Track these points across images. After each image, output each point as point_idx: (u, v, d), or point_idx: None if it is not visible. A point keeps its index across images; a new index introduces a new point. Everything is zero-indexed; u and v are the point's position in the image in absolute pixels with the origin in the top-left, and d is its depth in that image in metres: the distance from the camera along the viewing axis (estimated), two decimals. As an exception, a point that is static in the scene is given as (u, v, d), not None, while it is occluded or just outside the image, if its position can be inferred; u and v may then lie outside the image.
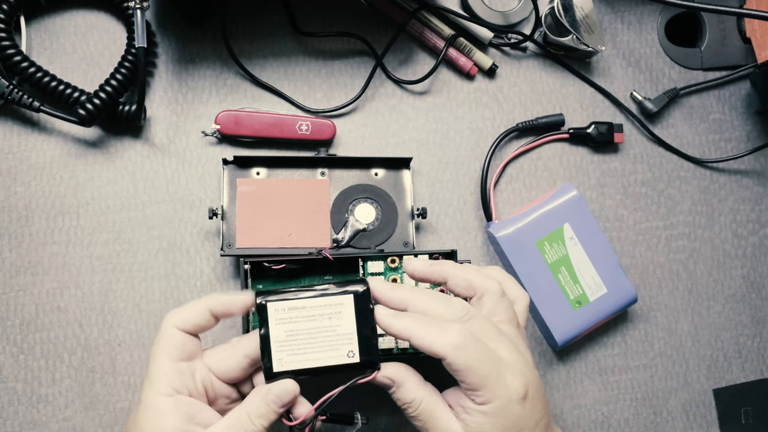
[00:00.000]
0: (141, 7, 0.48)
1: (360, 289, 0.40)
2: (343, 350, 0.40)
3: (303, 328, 0.39)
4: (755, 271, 0.60)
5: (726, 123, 0.61)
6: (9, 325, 0.52)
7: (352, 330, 0.40)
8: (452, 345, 0.37)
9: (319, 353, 0.39)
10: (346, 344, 0.40)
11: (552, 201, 0.55)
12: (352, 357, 0.39)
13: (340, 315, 0.40)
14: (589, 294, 0.54)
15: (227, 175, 0.52)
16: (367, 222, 0.53)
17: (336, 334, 0.40)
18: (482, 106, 0.58)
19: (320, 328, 0.40)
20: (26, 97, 0.51)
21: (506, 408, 0.38)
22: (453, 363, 0.38)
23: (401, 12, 0.56)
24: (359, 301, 0.40)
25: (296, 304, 0.40)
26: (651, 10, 0.61)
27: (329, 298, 0.40)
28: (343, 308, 0.40)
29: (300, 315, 0.40)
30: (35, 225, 0.53)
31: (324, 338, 0.39)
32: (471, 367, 0.37)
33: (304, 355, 0.39)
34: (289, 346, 0.39)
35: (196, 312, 0.40)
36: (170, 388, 0.38)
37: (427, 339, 0.38)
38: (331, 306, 0.40)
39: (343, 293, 0.40)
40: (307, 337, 0.39)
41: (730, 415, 0.58)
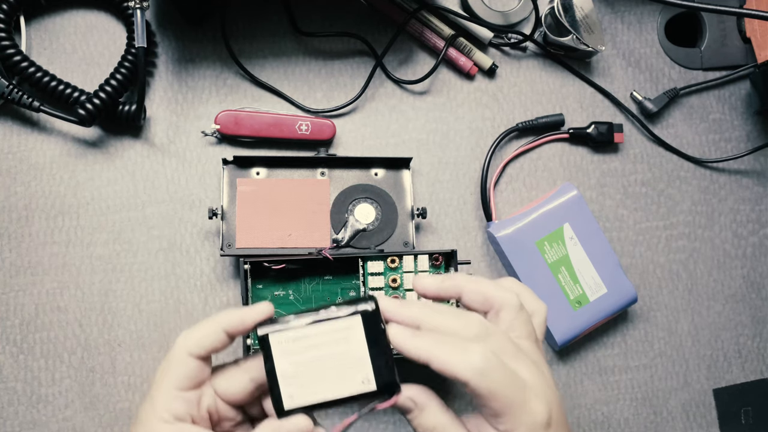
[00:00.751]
0: (141, 7, 0.48)
1: (368, 309, 0.36)
2: (357, 378, 0.36)
3: (310, 358, 0.36)
4: (755, 271, 0.60)
5: (726, 123, 0.61)
6: (9, 325, 0.52)
7: (364, 354, 0.36)
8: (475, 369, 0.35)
9: (332, 383, 0.36)
10: (359, 371, 0.36)
11: (552, 201, 0.55)
12: (368, 384, 0.36)
13: (348, 340, 0.36)
14: (589, 294, 0.54)
15: (227, 175, 0.52)
16: (367, 222, 0.53)
17: (347, 361, 0.36)
18: (482, 106, 0.58)
19: (329, 355, 0.36)
20: (26, 97, 0.51)
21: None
22: (477, 388, 0.35)
23: (401, 12, 0.56)
24: (368, 322, 0.36)
25: (300, 333, 0.36)
26: (651, 10, 0.61)
27: (335, 323, 0.36)
28: (351, 332, 0.36)
29: (305, 344, 0.36)
30: (35, 225, 0.53)
31: (334, 367, 0.36)
32: (495, 392, 0.35)
33: (315, 387, 0.36)
34: (297, 380, 0.36)
35: (210, 334, 0.37)
36: (171, 416, 0.36)
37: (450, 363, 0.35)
38: (337, 331, 0.36)
39: (349, 315, 0.36)
40: (316, 368, 0.36)
41: (730, 415, 0.58)
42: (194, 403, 0.37)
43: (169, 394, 0.36)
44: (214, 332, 0.37)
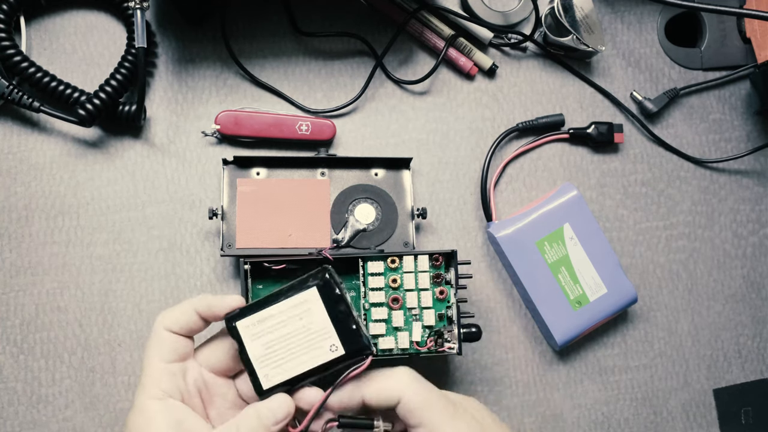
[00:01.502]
0: (141, 7, 0.48)
1: (320, 281, 0.38)
2: (325, 346, 0.38)
3: (277, 336, 0.38)
4: (755, 271, 0.60)
5: (726, 123, 0.61)
6: (9, 325, 0.52)
7: (327, 323, 0.38)
8: (405, 382, 0.37)
9: (302, 356, 0.38)
10: (326, 339, 0.38)
11: (552, 201, 0.55)
12: (336, 350, 0.38)
13: (310, 312, 0.38)
14: (589, 294, 0.54)
15: (227, 175, 0.52)
16: (367, 222, 0.53)
17: (312, 333, 0.38)
18: (482, 106, 0.58)
19: (294, 331, 0.38)
20: (26, 97, 0.51)
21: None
22: (410, 401, 0.37)
23: (401, 12, 0.56)
24: (324, 291, 0.38)
25: (263, 315, 0.38)
26: (651, 10, 0.61)
27: (293, 299, 0.38)
28: (311, 304, 0.38)
29: (270, 324, 0.38)
30: (35, 225, 0.53)
31: (301, 340, 0.38)
32: (429, 401, 0.36)
33: (289, 364, 0.38)
34: (270, 359, 0.38)
35: (184, 313, 0.39)
36: (160, 391, 0.37)
37: (378, 386, 0.37)
38: (297, 306, 0.38)
39: (305, 288, 0.38)
40: (285, 345, 0.38)
41: (730, 415, 0.58)
42: (180, 375, 0.39)
43: (156, 368, 0.38)
44: (188, 312, 0.39)
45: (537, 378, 0.56)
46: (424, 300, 0.49)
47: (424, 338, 0.49)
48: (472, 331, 0.49)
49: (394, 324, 0.49)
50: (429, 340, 0.49)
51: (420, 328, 0.49)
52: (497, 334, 0.56)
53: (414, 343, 0.49)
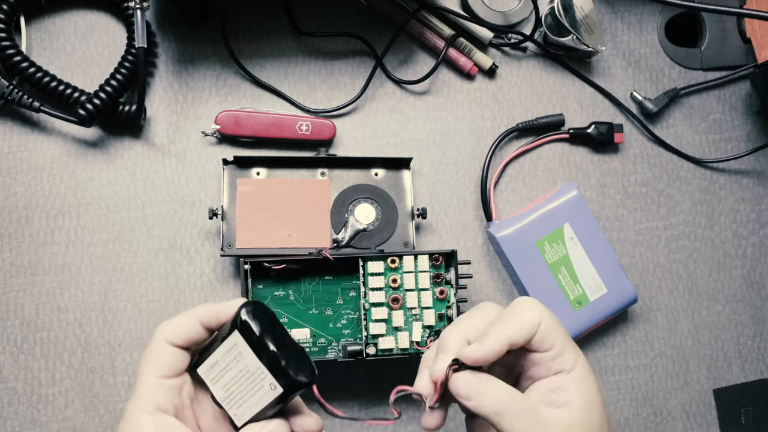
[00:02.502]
0: (141, 7, 0.48)
1: (235, 319, 0.36)
2: (265, 386, 0.36)
3: (229, 379, 0.37)
4: (755, 271, 0.60)
5: (726, 123, 0.61)
6: (9, 325, 0.52)
7: (257, 364, 0.36)
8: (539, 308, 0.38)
9: (254, 396, 0.36)
10: (264, 379, 0.36)
11: (552, 201, 0.55)
12: (275, 389, 0.36)
13: (242, 355, 0.36)
14: (589, 294, 0.54)
15: (227, 175, 0.52)
16: (367, 222, 0.53)
17: (251, 374, 0.36)
18: (482, 106, 0.58)
19: (239, 373, 0.37)
20: (26, 97, 0.51)
21: (588, 371, 0.38)
22: (549, 323, 0.37)
23: (401, 12, 0.56)
24: (246, 335, 0.36)
25: (212, 360, 0.37)
26: (651, 10, 0.61)
27: (225, 344, 0.36)
28: (240, 348, 0.36)
29: (220, 369, 0.37)
30: (35, 225, 0.53)
31: (247, 382, 0.36)
32: (558, 324, 0.38)
33: (248, 402, 0.37)
34: (232, 399, 0.37)
35: (186, 324, 0.38)
36: (153, 406, 0.36)
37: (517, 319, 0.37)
38: (231, 350, 0.36)
39: (229, 332, 0.36)
40: (237, 386, 0.37)
41: (730, 415, 0.58)
42: (176, 391, 0.38)
43: (151, 383, 0.37)
44: (190, 323, 0.38)
45: (537, 378, 0.56)
46: (424, 300, 0.49)
47: (425, 338, 0.49)
48: (472, 331, 0.49)
49: (394, 324, 0.49)
50: (429, 340, 0.49)
51: (420, 328, 0.49)
52: (497, 334, 0.56)
53: (414, 342, 0.49)
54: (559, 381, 0.38)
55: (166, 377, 0.37)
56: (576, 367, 0.38)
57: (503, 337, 0.37)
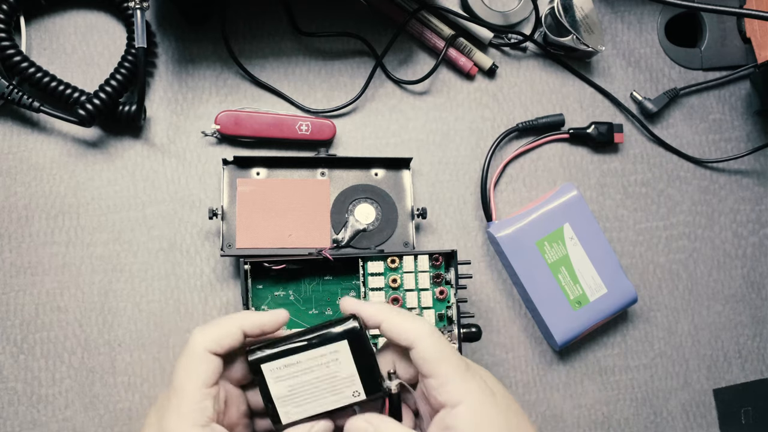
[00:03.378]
0: (141, 7, 0.48)
1: (351, 328, 0.38)
2: (348, 392, 0.38)
3: (303, 381, 0.38)
4: (755, 271, 0.60)
5: (726, 123, 0.61)
6: (9, 325, 0.52)
7: (353, 372, 0.38)
8: (426, 331, 0.37)
9: (324, 399, 0.38)
10: (349, 386, 0.38)
11: (552, 201, 0.55)
12: (358, 396, 0.38)
13: (337, 361, 0.38)
14: (589, 294, 0.54)
15: (227, 175, 0.52)
16: (367, 222, 0.53)
17: (338, 380, 0.38)
18: (482, 106, 0.58)
19: (321, 377, 0.38)
20: (26, 97, 0.51)
21: (483, 403, 0.36)
22: (426, 349, 0.37)
23: (401, 12, 0.56)
24: (354, 344, 0.38)
25: (290, 360, 0.38)
26: (651, 10, 0.61)
27: (324, 348, 0.38)
28: (339, 354, 0.38)
29: (297, 369, 0.38)
30: (35, 225, 0.53)
31: (327, 386, 0.38)
32: (443, 353, 0.36)
33: (310, 404, 0.38)
34: (293, 400, 0.38)
35: (229, 334, 0.37)
36: (204, 418, 0.36)
37: (402, 324, 0.37)
38: (326, 355, 0.38)
39: (336, 339, 0.38)
40: (309, 389, 0.38)
41: (730, 415, 0.58)
42: (218, 397, 0.37)
43: (196, 394, 0.36)
44: (233, 332, 0.38)
45: (537, 378, 0.56)
46: (424, 300, 0.49)
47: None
48: (472, 331, 0.49)
49: (394, 324, 0.49)
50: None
51: (420, 328, 0.49)
52: (497, 334, 0.56)
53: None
54: (447, 416, 0.37)
55: (209, 386, 0.37)
56: (463, 402, 0.36)
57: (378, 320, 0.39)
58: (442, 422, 0.37)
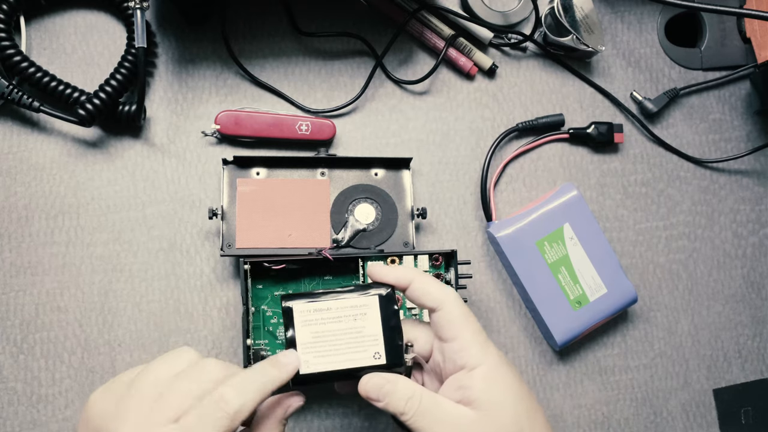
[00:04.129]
0: (141, 7, 0.48)
1: (384, 292, 0.40)
2: (369, 351, 0.39)
3: (329, 329, 0.39)
4: (755, 271, 0.60)
5: (726, 123, 0.61)
6: (9, 325, 0.52)
7: (377, 331, 0.39)
8: (453, 295, 0.39)
9: (346, 355, 0.39)
10: (372, 345, 0.39)
11: (552, 201, 0.55)
12: (379, 358, 0.39)
13: (365, 316, 0.40)
14: (589, 294, 0.54)
15: (227, 175, 0.52)
16: (367, 222, 0.53)
17: (362, 336, 0.39)
18: (482, 106, 0.58)
19: (346, 329, 0.39)
20: (26, 97, 0.51)
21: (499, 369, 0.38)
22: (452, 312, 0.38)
23: (401, 12, 0.56)
24: (384, 303, 0.40)
25: (321, 306, 0.40)
26: (651, 10, 0.61)
27: (355, 299, 0.40)
28: (368, 309, 0.40)
29: (325, 316, 0.39)
30: (35, 225, 0.53)
31: (350, 339, 0.39)
32: (467, 319, 0.38)
33: (331, 357, 0.39)
34: (315, 348, 0.39)
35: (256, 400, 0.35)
36: None
37: (430, 287, 0.39)
38: (356, 307, 0.40)
39: (368, 295, 0.40)
40: (333, 339, 0.39)
41: (730, 415, 0.58)
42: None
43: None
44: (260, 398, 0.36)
45: (537, 378, 0.56)
46: (424, 300, 0.49)
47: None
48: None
49: (394, 324, 0.49)
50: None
51: (420, 328, 0.49)
52: (497, 334, 0.56)
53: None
54: (463, 377, 0.38)
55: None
56: (482, 364, 0.38)
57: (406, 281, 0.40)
58: (457, 382, 0.38)
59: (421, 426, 0.37)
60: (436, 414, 0.37)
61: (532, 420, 0.38)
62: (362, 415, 0.54)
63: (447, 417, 0.37)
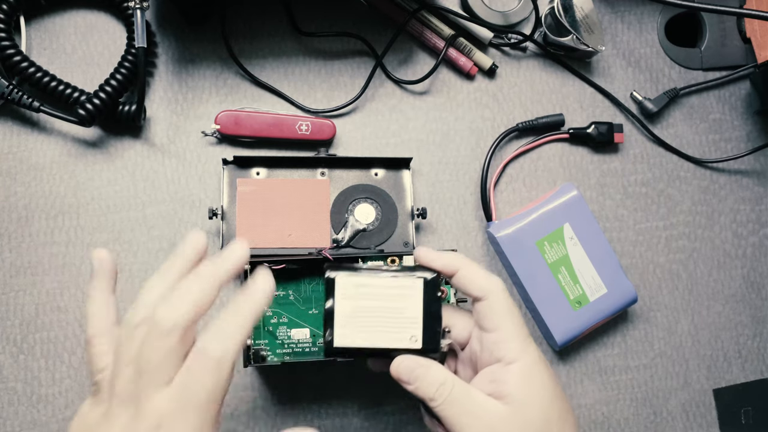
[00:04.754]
0: (141, 7, 0.48)
1: (429, 277, 0.40)
2: (406, 333, 0.39)
3: (369, 305, 0.39)
4: (755, 271, 0.60)
5: (726, 123, 0.61)
6: (9, 325, 0.52)
7: (417, 315, 0.39)
8: (501, 286, 0.39)
9: (382, 333, 0.39)
10: (409, 328, 0.39)
11: (552, 201, 0.55)
12: (415, 342, 0.39)
13: (406, 298, 0.39)
14: (589, 294, 0.54)
15: (227, 175, 0.52)
16: (367, 222, 0.53)
17: (401, 317, 0.39)
18: (482, 106, 0.58)
19: (386, 308, 0.39)
20: (26, 97, 0.51)
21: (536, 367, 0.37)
22: (498, 302, 0.38)
23: (401, 12, 0.56)
24: (428, 288, 0.39)
25: (364, 281, 0.39)
26: (651, 10, 0.61)
27: (399, 280, 0.39)
28: (411, 291, 0.39)
29: (367, 292, 0.39)
30: (35, 225, 0.53)
31: (388, 319, 0.39)
32: (512, 312, 0.38)
33: (367, 334, 0.39)
34: (352, 323, 0.39)
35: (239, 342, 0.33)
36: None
37: (478, 275, 0.39)
38: (399, 288, 0.39)
39: (413, 277, 0.39)
40: (371, 316, 0.39)
41: (730, 415, 0.58)
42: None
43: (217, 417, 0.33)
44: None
45: (537, 378, 0.56)
46: (424, 300, 0.49)
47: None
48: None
49: (394, 324, 0.49)
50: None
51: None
52: (497, 334, 0.56)
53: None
54: (498, 370, 0.38)
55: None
56: (519, 360, 0.38)
57: (454, 267, 0.40)
58: (491, 375, 0.38)
59: (449, 414, 0.37)
60: (466, 404, 0.37)
61: (562, 422, 0.38)
62: (362, 415, 0.54)
63: (477, 408, 0.37)
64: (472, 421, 0.36)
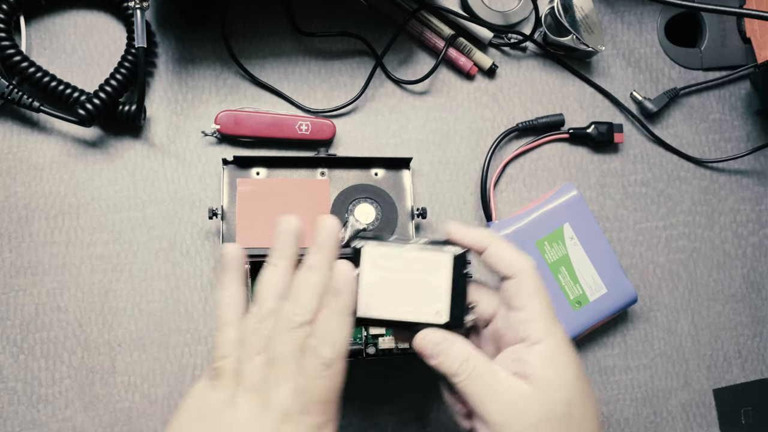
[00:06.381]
0: (141, 7, 0.48)
1: (459, 252, 0.39)
2: (431, 308, 0.39)
3: (396, 277, 0.39)
4: (755, 271, 0.60)
5: (726, 123, 0.61)
6: (9, 325, 0.52)
7: (444, 290, 0.39)
8: (531, 265, 0.38)
9: (408, 306, 0.38)
10: (435, 302, 0.39)
11: (552, 201, 0.55)
12: (440, 317, 0.38)
13: (434, 272, 0.39)
14: (589, 294, 0.54)
15: (227, 175, 0.52)
16: (367, 222, 0.53)
17: (427, 290, 0.39)
18: (482, 106, 0.58)
19: (413, 280, 0.39)
20: (26, 97, 0.51)
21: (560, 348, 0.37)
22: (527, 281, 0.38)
23: (401, 12, 0.56)
24: (457, 263, 0.39)
25: (393, 252, 0.39)
26: (651, 10, 0.61)
27: (428, 253, 0.39)
28: (439, 266, 0.39)
29: (395, 264, 0.39)
30: (35, 225, 0.53)
31: (415, 292, 0.39)
32: (540, 292, 0.38)
33: (392, 305, 0.38)
34: (378, 293, 0.38)
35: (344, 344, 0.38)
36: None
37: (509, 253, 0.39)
38: (428, 261, 0.39)
39: (442, 252, 0.39)
40: (398, 287, 0.38)
41: (730, 415, 0.58)
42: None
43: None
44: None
45: (537, 378, 0.56)
46: (424, 300, 0.49)
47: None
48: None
49: (394, 324, 0.49)
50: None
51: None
52: (497, 334, 0.56)
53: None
54: (523, 350, 0.37)
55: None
56: (545, 341, 0.37)
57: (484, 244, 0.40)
58: (515, 354, 0.38)
59: (471, 390, 0.37)
60: (488, 381, 0.37)
61: (583, 406, 0.37)
62: (362, 415, 0.54)
63: (499, 386, 0.37)
64: (494, 397, 0.36)
